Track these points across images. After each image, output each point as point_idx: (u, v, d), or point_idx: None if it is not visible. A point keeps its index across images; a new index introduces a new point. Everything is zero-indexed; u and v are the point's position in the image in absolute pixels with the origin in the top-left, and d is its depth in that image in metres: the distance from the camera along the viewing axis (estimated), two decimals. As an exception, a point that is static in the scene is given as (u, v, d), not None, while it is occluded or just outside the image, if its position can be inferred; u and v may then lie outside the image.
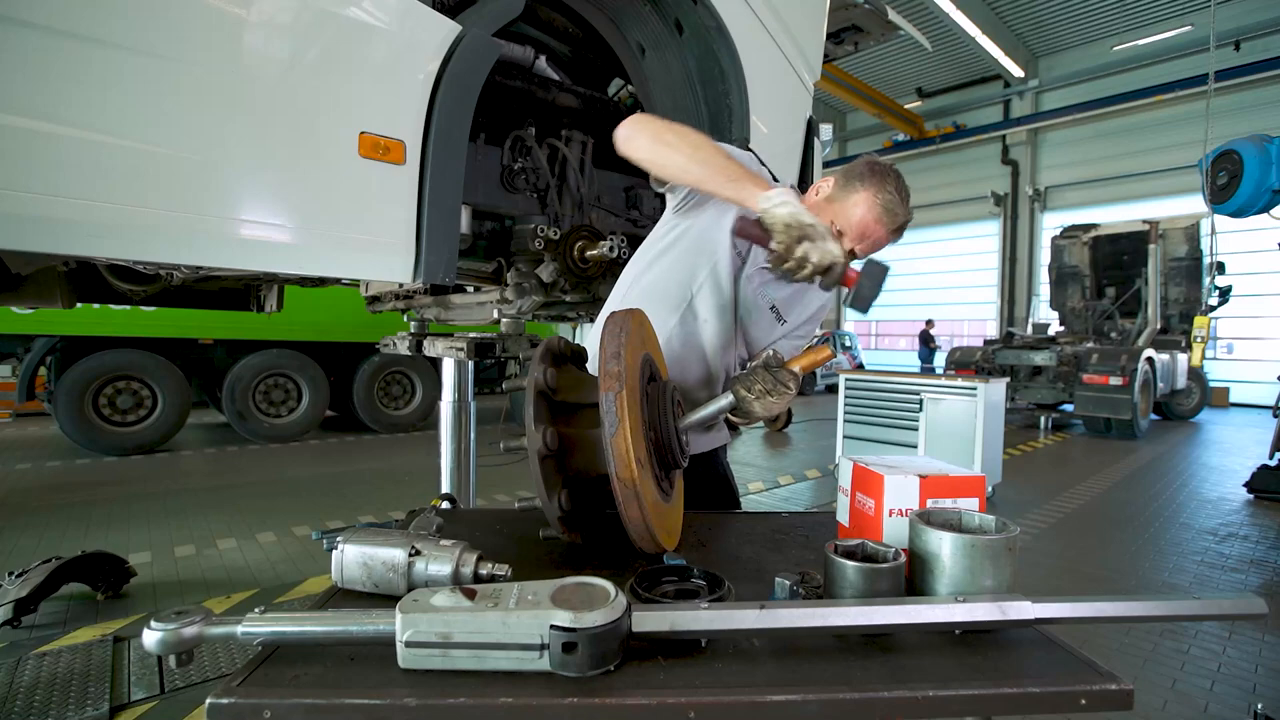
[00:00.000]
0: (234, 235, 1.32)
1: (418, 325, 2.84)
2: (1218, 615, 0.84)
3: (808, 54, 2.37)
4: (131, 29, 1.18)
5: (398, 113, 1.49)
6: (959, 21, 12.81)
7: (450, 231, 1.58)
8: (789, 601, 0.86)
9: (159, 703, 2.10)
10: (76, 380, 6.08)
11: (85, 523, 4.21)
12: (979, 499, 0.98)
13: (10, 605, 2.61)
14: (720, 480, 1.61)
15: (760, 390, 1.18)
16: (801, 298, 1.47)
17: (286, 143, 1.37)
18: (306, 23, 1.37)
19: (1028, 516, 4.64)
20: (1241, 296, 10.07)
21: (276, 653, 0.75)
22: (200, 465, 6.19)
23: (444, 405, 2.89)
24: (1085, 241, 10.73)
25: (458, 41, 1.54)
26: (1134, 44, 14.08)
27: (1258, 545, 4.12)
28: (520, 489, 4.79)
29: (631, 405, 0.95)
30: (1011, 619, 0.80)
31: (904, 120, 16.92)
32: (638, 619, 0.74)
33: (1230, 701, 2.25)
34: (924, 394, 5.14)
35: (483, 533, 1.26)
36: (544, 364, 1.06)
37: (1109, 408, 8.10)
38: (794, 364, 1.24)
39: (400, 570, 0.87)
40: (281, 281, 3.03)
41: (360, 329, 7.33)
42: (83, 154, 1.15)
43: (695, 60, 2.14)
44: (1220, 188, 5.43)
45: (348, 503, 4.84)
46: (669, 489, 1.10)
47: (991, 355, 9.69)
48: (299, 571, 3.44)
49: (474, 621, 0.70)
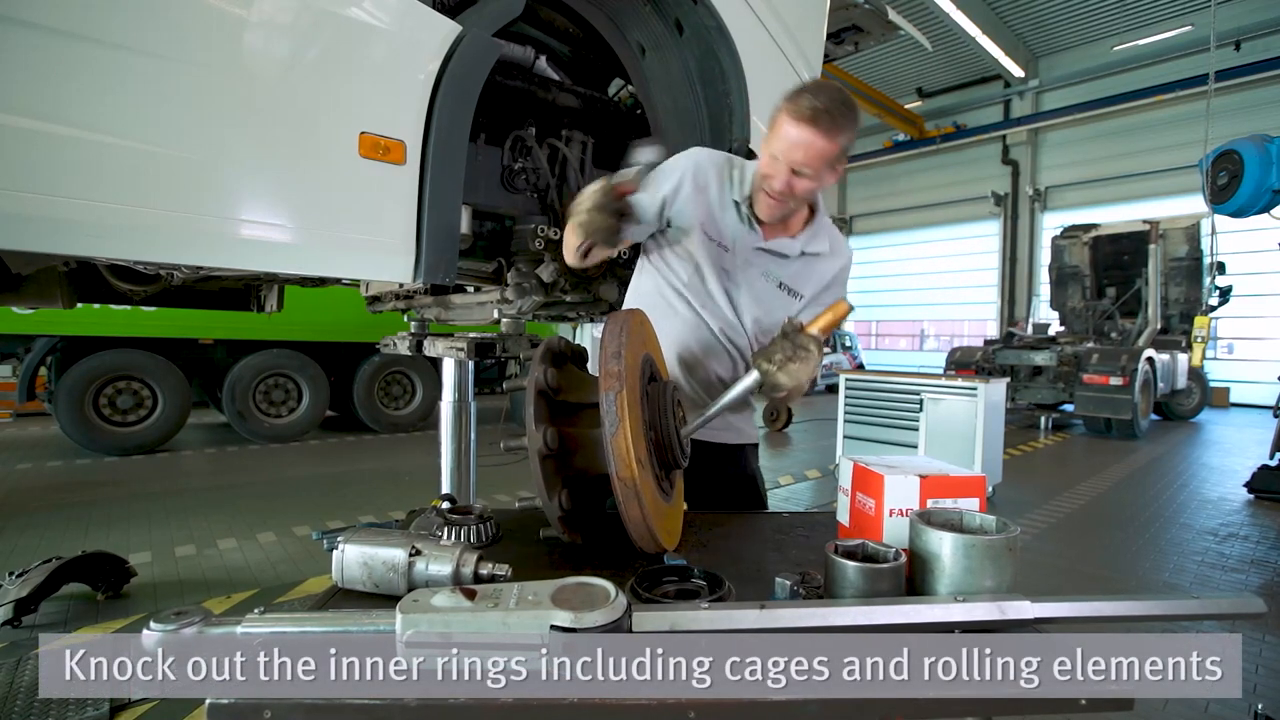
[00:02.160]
0: (234, 235, 1.32)
1: (418, 325, 2.84)
2: (1217, 615, 0.84)
3: (808, 54, 2.37)
4: (131, 29, 1.18)
5: (398, 113, 1.49)
6: (959, 21, 12.80)
7: (450, 231, 1.58)
8: (789, 601, 0.86)
9: (159, 702, 2.10)
10: (77, 380, 6.08)
11: (85, 523, 4.21)
12: (979, 499, 0.98)
13: (11, 605, 2.61)
14: (748, 480, 1.60)
15: (781, 359, 1.17)
16: (812, 268, 1.44)
17: (287, 143, 1.37)
18: (307, 23, 1.37)
19: (1028, 516, 4.63)
20: (1242, 296, 10.06)
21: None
22: (201, 465, 6.19)
23: (444, 405, 2.89)
24: (1085, 241, 10.72)
25: (458, 41, 1.54)
26: (1134, 44, 14.06)
27: (1258, 545, 4.11)
28: (520, 489, 4.79)
29: (632, 405, 0.95)
30: (1011, 619, 0.80)
31: (904, 120, 16.91)
32: (638, 619, 0.74)
33: (1230, 701, 2.25)
34: (924, 394, 5.14)
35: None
36: (544, 364, 1.06)
37: (1109, 408, 8.10)
38: (812, 326, 1.23)
39: (400, 570, 0.87)
40: (282, 281, 3.03)
41: (360, 329, 7.32)
42: (83, 154, 1.15)
43: (695, 60, 2.14)
44: (1221, 188, 5.43)
45: (348, 503, 4.84)
46: (669, 489, 1.10)
47: (992, 355, 9.69)
48: (299, 571, 3.44)
49: (474, 621, 0.70)
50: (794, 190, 1.28)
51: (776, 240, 1.41)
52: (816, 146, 1.21)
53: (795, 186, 1.27)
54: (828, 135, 1.20)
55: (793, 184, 1.27)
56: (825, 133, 1.20)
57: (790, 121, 1.21)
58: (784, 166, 1.25)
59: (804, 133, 1.20)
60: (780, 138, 1.24)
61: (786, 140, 1.23)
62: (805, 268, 1.44)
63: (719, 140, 2.13)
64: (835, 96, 1.21)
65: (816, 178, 1.26)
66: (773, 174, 1.27)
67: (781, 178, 1.26)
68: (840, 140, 1.22)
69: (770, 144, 1.27)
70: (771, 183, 1.28)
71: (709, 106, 2.16)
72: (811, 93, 1.21)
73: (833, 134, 1.20)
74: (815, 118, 1.19)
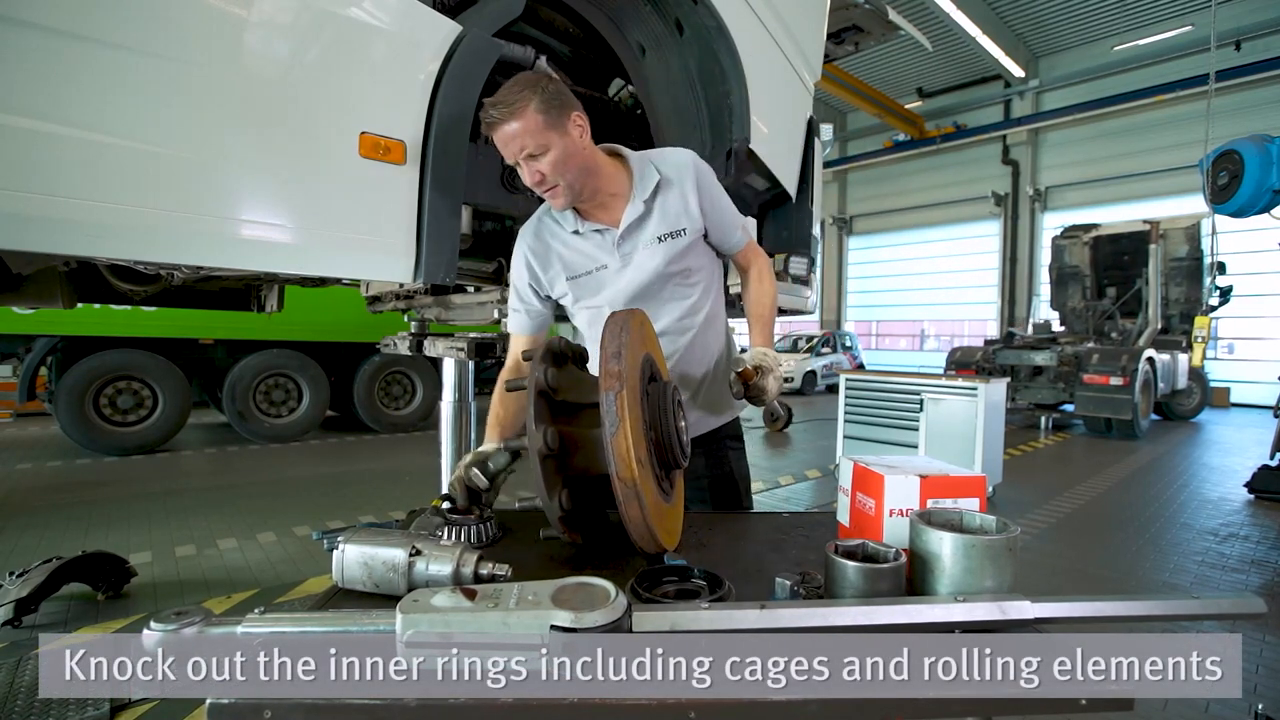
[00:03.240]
0: (234, 235, 1.32)
1: (418, 325, 2.84)
2: (1217, 615, 0.84)
3: (808, 54, 2.37)
4: (132, 29, 1.18)
5: (398, 113, 1.49)
6: (959, 21, 12.80)
7: (451, 231, 1.58)
8: (789, 601, 0.86)
9: (159, 702, 2.10)
10: (77, 380, 6.08)
11: (86, 523, 4.21)
12: (979, 499, 0.98)
13: (11, 605, 2.61)
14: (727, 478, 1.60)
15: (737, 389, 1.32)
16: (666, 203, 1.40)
17: (287, 143, 1.37)
18: (307, 23, 1.37)
19: (1028, 517, 4.63)
20: (1242, 296, 10.07)
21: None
22: (201, 465, 6.20)
23: (444, 405, 2.88)
24: (1086, 241, 10.71)
25: (458, 41, 1.54)
26: (1134, 44, 14.06)
27: (1259, 545, 4.11)
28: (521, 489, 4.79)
29: (632, 405, 0.95)
30: (1012, 619, 0.80)
31: (904, 120, 16.91)
32: (638, 619, 0.75)
33: (1231, 702, 2.25)
34: (924, 394, 5.14)
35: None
36: (545, 364, 1.06)
37: (1110, 408, 8.09)
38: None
39: (401, 570, 0.87)
40: (282, 281, 3.03)
41: (361, 329, 7.32)
42: (83, 154, 1.15)
43: (695, 60, 2.14)
44: (1221, 188, 5.43)
45: (348, 503, 4.84)
46: (669, 489, 1.10)
47: (992, 355, 9.69)
48: (299, 571, 3.44)
49: (474, 622, 0.70)
50: (546, 173, 1.26)
51: (625, 217, 1.38)
52: (517, 129, 1.21)
53: (544, 169, 1.25)
54: (515, 117, 1.21)
55: (541, 169, 1.25)
56: (511, 119, 1.21)
57: (492, 133, 1.24)
58: (521, 162, 1.26)
59: (499, 132, 1.23)
60: (500, 149, 1.26)
61: (502, 144, 1.25)
62: (662, 209, 1.40)
63: (719, 140, 2.13)
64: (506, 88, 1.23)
65: (550, 146, 1.24)
66: (524, 177, 1.28)
67: (527, 173, 1.27)
68: (530, 106, 1.21)
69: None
70: (528, 182, 1.29)
71: (709, 106, 2.16)
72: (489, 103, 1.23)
73: (516, 113, 1.20)
74: (492, 120, 1.22)
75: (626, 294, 1.40)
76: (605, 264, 1.41)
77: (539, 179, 1.27)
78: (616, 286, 1.41)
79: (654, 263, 1.39)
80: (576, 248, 1.42)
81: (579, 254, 1.42)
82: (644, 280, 1.40)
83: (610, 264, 1.41)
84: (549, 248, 1.43)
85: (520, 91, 1.22)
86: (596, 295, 1.43)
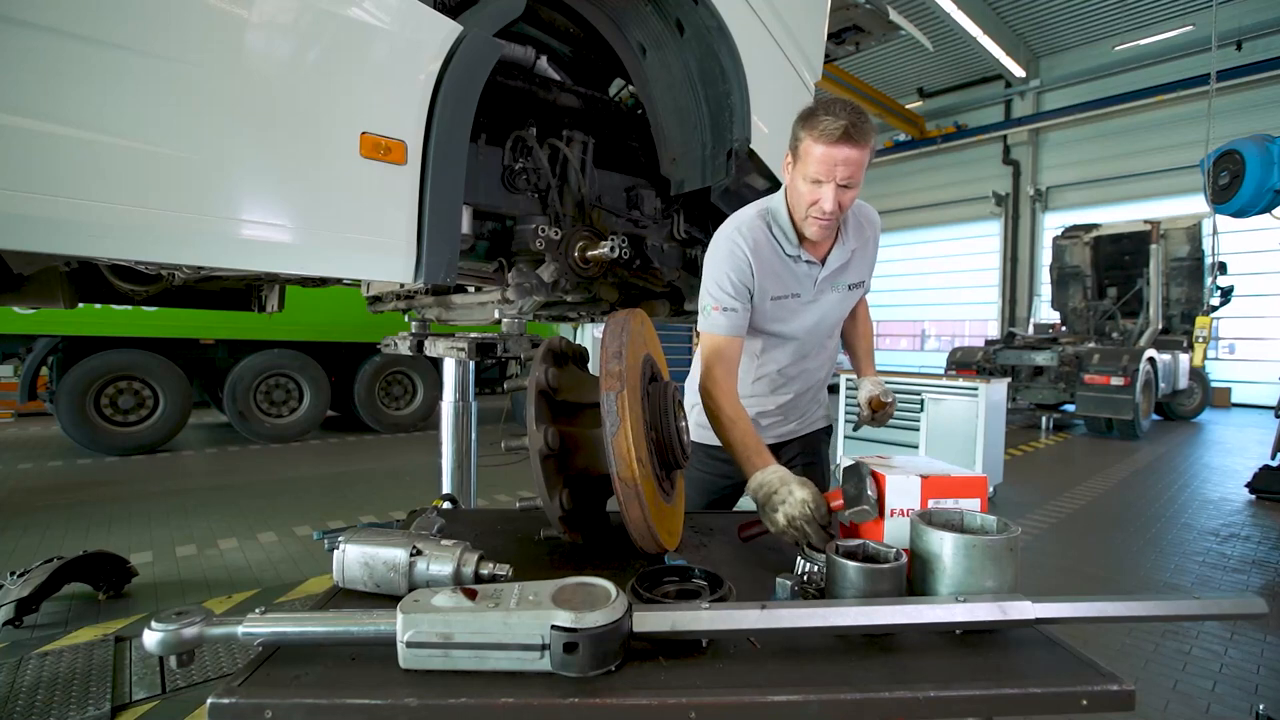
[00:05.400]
0: (235, 235, 1.32)
1: (419, 325, 2.84)
2: (1218, 615, 0.84)
3: (809, 54, 2.37)
4: (132, 29, 1.18)
5: (399, 113, 1.49)
6: (960, 21, 12.78)
7: (451, 232, 1.58)
8: (790, 602, 0.86)
9: (160, 703, 2.10)
10: (78, 380, 6.08)
11: (87, 522, 4.21)
12: (980, 499, 0.98)
13: (12, 605, 2.61)
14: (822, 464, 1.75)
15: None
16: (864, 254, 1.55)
17: (288, 143, 1.37)
18: (308, 23, 1.37)
19: (1029, 517, 4.63)
20: (1243, 297, 10.07)
21: (278, 653, 0.75)
22: (201, 465, 6.20)
23: (445, 405, 2.89)
24: (1087, 241, 10.71)
25: (459, 42, 1.54)
26: (1135, 44, 14.05)
27: (1259, 545, 4.11)
28: (521, 489, 4.79)
29: (633, 405, 0.95)
30: (1012, 619, 0.79)
31: (905, 120, 16.91)
32: (639, 619, 0.74)
33: (1232, 702, 2.25)
34: (925, 394, 5.14)
35: (484, 533, 1.26)
36: (545, 364, 1.06)
37: (1110, 408, 8.09)
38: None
39: (401, 570, 0.87)
40: (283, 281, 3.02)
41: (361, 329, 7.33)
42: (84, 154, 1.15)
43: (696, 60, 2.13)
44: (1222, 188, 5.42)
45: (349, 503, 4.85)
46: (670, 489, 1.10)
47: (993, 355, 9.68)
48: (300, 571, 3.44)
49: (475, 622, 0.70)
50: (844, 205, 1.34)
51: (832, 257, 1.49)
52: (855, 158, 1.28)
53: (844, 201, 1.33)
54: (862, 145, 1.28)
55: (841, 199, 1.32)
56: (858, 144, 1.27)
57: (823, 145, 1.27)
58: (830, 187, 1.30)
59: (841, 150, 1.26)
60: (818, 161, 1.29)
61: (827, 162, 1.28)
62: (860, 259, 1.55)
63: (719, 140, 2.13)
64: (850, 107, 1.28)
65: (859, 184, 1.33)
66: (819, 198, 1.32)
67: (831, 198, 1.31)
68: (872, 144, 1.30)
69: (805, 170, 1.32)
70: (822, 206, 1.33)
71: (709, 106, 2.16)
72: (827, 112, 1.27)
73: (865, 141, 1.28)
74: (847, 134, 1.25)
75: (806, 327, 1.53)
76: (799, 293, 1.49)
77: (837, 209, 1.32)
78: (800, 319, 1.52)
79: (840, 307, 1.56)
80: (788, 270, 1.47)
81: (788, 276, 1.48)
82: (827, 320, 1.55)
83: (803, 295, 1.49)
84: (767, 260, 1.45)
85: (868, 121, 1.29)
86: (781, 321, 1.51)
